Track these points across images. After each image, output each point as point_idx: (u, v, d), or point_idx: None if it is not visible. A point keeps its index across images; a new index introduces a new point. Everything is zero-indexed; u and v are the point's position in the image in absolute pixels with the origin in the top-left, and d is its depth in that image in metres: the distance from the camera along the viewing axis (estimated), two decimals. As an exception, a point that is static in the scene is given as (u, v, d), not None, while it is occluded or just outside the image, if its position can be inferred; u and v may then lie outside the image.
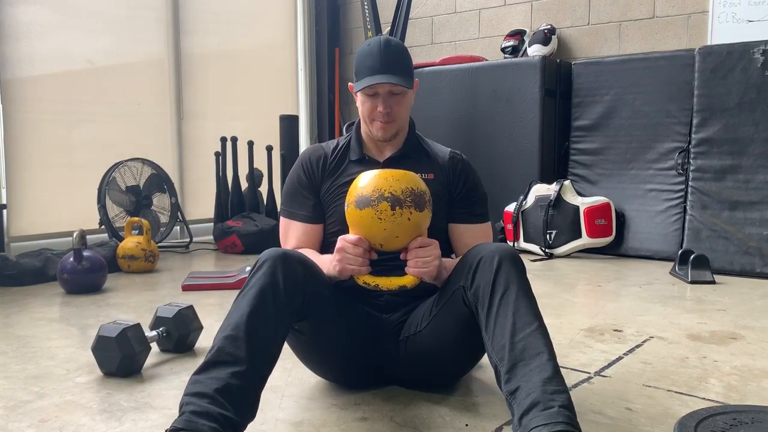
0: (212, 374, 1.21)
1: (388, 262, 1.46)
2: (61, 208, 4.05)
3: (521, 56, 4.43)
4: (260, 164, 4.47)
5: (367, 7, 4.62)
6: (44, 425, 1.44)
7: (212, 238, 4.34)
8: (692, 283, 3.02)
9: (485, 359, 1.49)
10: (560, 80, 4.10)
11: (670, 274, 3.27)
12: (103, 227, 3.82)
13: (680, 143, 3.66)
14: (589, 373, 1.78)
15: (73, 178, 4.11)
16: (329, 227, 1.65)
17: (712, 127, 3.48)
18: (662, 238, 3.68)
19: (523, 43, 4.48)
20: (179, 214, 4.19)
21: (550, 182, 3.97)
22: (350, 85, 1.64)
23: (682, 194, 3.63)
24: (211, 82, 4.92)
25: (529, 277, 1.39)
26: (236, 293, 1.34)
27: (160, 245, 3.91)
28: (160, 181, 4.07)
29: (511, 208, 4.06)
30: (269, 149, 4.40)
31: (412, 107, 1.66)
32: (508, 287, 1.32)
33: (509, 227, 4.06)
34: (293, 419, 1.47)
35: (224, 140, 4.40)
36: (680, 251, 3.30)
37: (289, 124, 4.78)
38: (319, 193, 1.66)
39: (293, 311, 1.35)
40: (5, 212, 3.53)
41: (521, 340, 1.25)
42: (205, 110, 4.88)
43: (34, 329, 2.28)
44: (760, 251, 3.27)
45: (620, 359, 1.90)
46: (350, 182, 1.48)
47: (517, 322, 1.28)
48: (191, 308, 2.02)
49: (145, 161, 4.01)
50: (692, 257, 3.10)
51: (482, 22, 4.87)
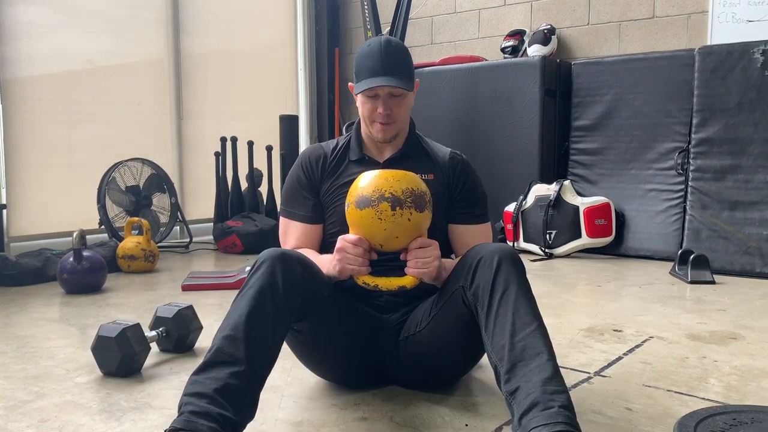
0: (211, 374, 1.21)
1: (388, 262, 1.46)
2: (60, 208, 4.05)
3: (521, 56, 4.43)
4: (260, 164, 4.47)
5: (367, 7, 4.62)
6: (44, 425, 1.44)
7: (212, 238, 4.34)
8: (692, 283, 3.02)
9: (485, 359, 1.49)
10: (560, 80, 4.10)
11: (669, 274, 3.27)
12: (102, 227, 3.82)
13: (680, 143, 3.66)
14: (588, 373, 1.78)
15: (73, 178, 4.11)
16: (329, 228, 1.64)
17: (712, 127, 3.48)
18: (662, 238, 3.68)
19: (522, 43, 4.48)
20: (179, 214, 4.19)
21: (549, 182, 3.97)
22: (350, 85, 1.63)
23: (681, 194, 3.63)
24: (210, 82, 4.92)
25: (529, 277, 1.39)
26: (236, 293, 1.34)
27: (159, 245, 3.91)
28: (159, 181, 4.07)
29: (510, 208, 4.06)
30: (269, 149, 4.40)
31: (412, 108, 1.66)
32: (507, 287, 1.32)
33: (509, 227, 4.06)
34: (293, 419, 1.47)
35: (224, 140, 4.40)
36: (680, 251, 3.30)
37: (289, 124, 4.79)
38: (318, 193, 1.65)
39: (292, 311, 1.34)
40: (5, 212, 3.53)
41: (521, 340, 1.25)
42: (204, 110, 4.88)
43: (33, 329, 2.28)
44: (759, 251, 3.27)
45: (620, 359, 1.90)
46: (350, 183, 1.48)
47: (516, 322, 1.28)
48: (191, 308, 2.02)
49: (145, 161, 4.01)
50: (692, 257, 3.10)
51: (482, 22, 4.87)
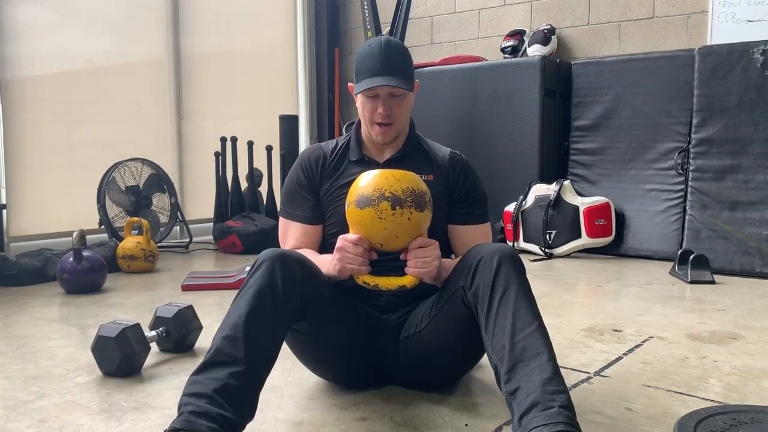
0: (211, 374, 1.21)
1: (388, 262, 1.46)
2: (60, 208, 4.05)
3: (521, 56, 4.43)
4: (260, 164, 4.47)
5: (366, 7, 4.62)
6: (44, 425, 1.44)
7: (212, 238, 4.34)
8: (692, 283, 3.02)
9: (485, 359, 1.49)
10: (560, 80, 4.09)
11: (669, 274, 3.27)
12: (102, 227, 3.82)
13: (680, 143, 3.66)
14: (588, 373, 1.78)
15: (73, 178, 4.11)
16: (329, 228, 1.64)
17: (711, 127, 3.48)
18: (662, 238, 3.68)
19: (522, 43, 4.48)
20: (179, 214, 4.19)
21: (549, 182, 3.97)
22: (350, 85, 1.63)
23: (681, 194, 3.63)
24: (210, 82, 4.92)
25: (528, 277, 1.39)
26: (236, 293, 1.34)
27: (159, 245, 3.91)
28: (159, 181, 4.07)
29: (510, 208, 4.06)
30: (269, 149, 4.40)
31: (412, 108, 1.65)
32: (507, 287, 1.32)
33: (509, 227, 4.06)
34: (293, 419, 1.47)
35: (224, 140, 4.40)
36: (680, 251, 3.30)
37: (288, 124, 4.79)
38: (318, 193, 1.65)
39: (292, 311, 1.34)
40: (5, 212, 3.53)
41: (521, 340, 1.25)
42: (204, 110, 4.88)
43: (33, 329, 2.28)
44: (759, 251, 3.27)
45: (620, 359, 1.90)
46: (350, 183, 1.48)
47: (516, 322, 1.28)
48: (191, 308, 2.02)
49: (144, 161, 4.01)
50: (692, 257, 3.10)
51: (482, 22, 4.87)
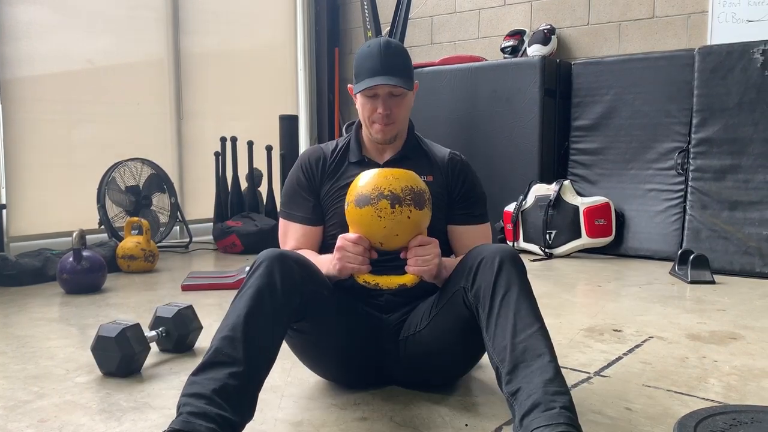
0: (209, 375, 1.20)
1: (388, 262, 1.46)
2: (60, 208, 4.05)
3: (521, 56, 4.43)
4: (260, 164, 4.47)
5: (366, 7, 4.62)
6: (44, 425, 1.44)
7: (212, 238, 4.34)
8: (692, 283, 3.02)
9: (485, 359, 1.50)
10: (560, 80, 4.09)
11: (669, 274, 3.27)
12: (102, 227, 3.82)
13: (680, 143, 3.66)
14: (588, 373, 1.78)
15: (72, 178, 4.11)
16: (329, 229, 1.64)
17: (711, 127, 3.48)
18: (662, 238, 3.68)
19: (522, 43, 4.48)
20: (179, 214, 4.19)
21: (549, 182, 3.97)
22: (349, 87, 1.63)
23: (681, 194, 3.63)
24: (210, 82, 4.92)
25: (529, 277, 1.39)
26: (235, 293, 1.34)
27: (159, 245, 3.91)
28: (159, 181, 4.07)
29: (510, 208, 4.06)
30: (269, 149, 4.40)
31: (411, 109, 1.65)
32: (509, 288, 1.32)
33: (509, 227, 4.06)
34: (292, 419, 1.47)
35: (224, 140, 4.40)
36: (680, 251, 3.30)
37: (288, 124, 4.78)
38: (318, 194, 1.65)
39: (291, 312, 1.34)
40: (5, 212, 3.52)
41: (522, 341, 1.25)
42: (204, 110, 4.88)
43: (33, 329, 2.28)
44: (759, 251, 3.27)
45: (620, 359, 1.90)
46: (350, 184, 1.47)
47: (518, 323, 1.28)
48: (191, 308, 2.02)
49: (144, 161, 4.01)
50: (692, 257, 3.10)
51: (482, 22, 4.87)
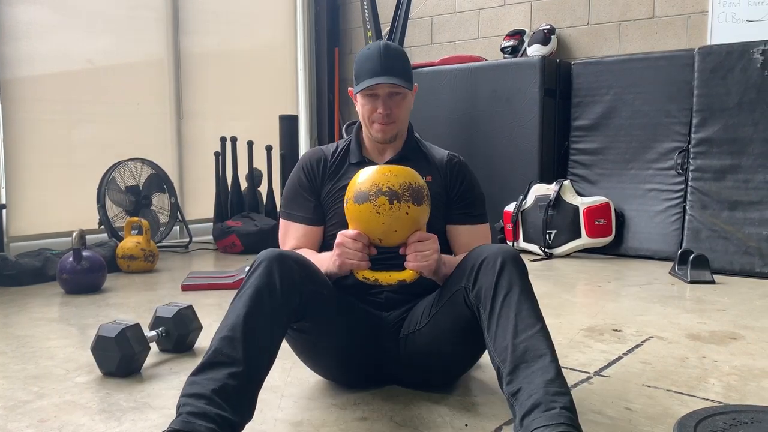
0: (209, 375, 1.21)
1: (388, 261, 1.46)
2: (60, 208, 4.05)
3: (521, 56, 4.43)
4: (260, 164, 4.47)
5: (366, 7, 4.61)
6: (43, 425, 1.44)
7: (212, 238, 4.34)
8: (692, 283, 3.02)
9: (484, 359, 1.50)
10: (560, 80, 4.09)
11: (669, 274, 3.27)
12: (102, 227, 3.82)
13: (680, 143, 3.66)
14: (588, 373, 1.78)
15: (72, 178, 4.11)
16: (329, 230, 1.65)
17: (711, 127, 3.48)
18: (662, 238, 3.68)
19: (522, 43, 4.48)
20: (179, 214, 4.19)
21: (549, 182, 3.97)
22: (350, 89, 1.65)
23: (681, 194, 3.63)
24: (210, 82, 4.92)
25: (529, 277, 1.39)
26: (235, 294, 1.34)
27: (159, 245, 3.91)
28: (159, 181, 4.07)
29: (510, 208, 4.06)
30: (269, 149, 4.40)
31: (411, 110, 1.67)
32: (510, 289, 1.32)
33: (509, 227, 4.06)
34: (292, 419, 1.47)
35: (224, 140, 4.40)
36: (680, 251, 3.30)
37: (288, 124, 4.79)
38: (319, 195, 1.66)
39: (290, 311, 1.35)
40: (5, 212, 3.52)
41: (523, 341, 1.26)
42: (204, 110, 4.88)
43: (33, 329, 2.28)
44: (759, 251, 3.27)
45: (620, 359, 1.91)
46: None
47: (519, 324, 1.28)
48: (190, 308, 2.02)
49: (144, 161, 4.01)
50: (692, 257, 3.10)
51: (482, 22, 4.87)
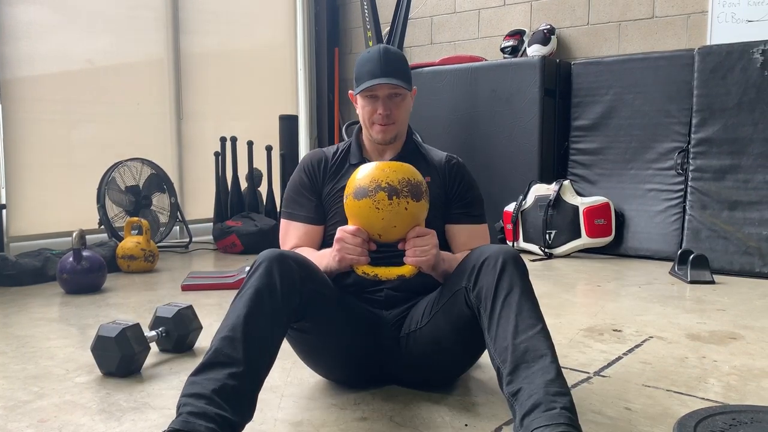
0: (209, 375, 1.21)
1: (388, 258, 1.47)
2: (60, 208, 4.05)
3: (521, 56, 4.43)
4: (260, 164, 4.47)
5: (366, 6, 4.61)
6: (43, 425, 1.44)
7: (212, 238, 4.34)
8: (692, 282, 3.02)
9: (484, 359, 1.50)
10: (560, 80, 4.09)
11: (669, 274, 3.27)
12: (102, 227, 3.82)
13: (680, 143, 3.66)
14: (588, 372, 1.78)
15: (72, 178, 4.11)
16: (330, 229, 1.66)
17: (711, 127, 3.48)
18: (662, 237, 3.68)
19: (522, 43, 4.48)
20: (179, 214, 4.19)
21: (549, 182, 3.97)
22: (350, 93, 1.68)
23: (681, 194, 3.63)
24: (210, 82, 4.92)
25: (529, 275, 1.39)
26: (235, 293, 1.34)
27: (159, 245, 3.91)
28: (159, 181, 4.07)
29: (510, 207, 4.06)
30: (269, 149, 4.40)
31: (410, 113, 1.70)
32: (511, 290, 1.33)
33: (509, 227, 4.06)
34: (292, 419, 1.47)
35: (224, 140, 4.40)
36: (680, 251, 3.30)
37: (288, 124, 4.79)
38: (320, 195, 1.68)
39: (290, 312, 1.35)
40: (5, 212, 3.52)
41: (524, 342, 1.26)
42: (204, 110, 4.88)
43: (33, 329, 2.28)
44: (759, 251, 3.27)
45: (620, 359, 1.91)
46: None
47: (519, 324, 1.28)
48: (191, 308, 2.02)
49: (144, 161, 4.01)
50: (692, 257, 3.10)
51: (481, 22, 4.87)
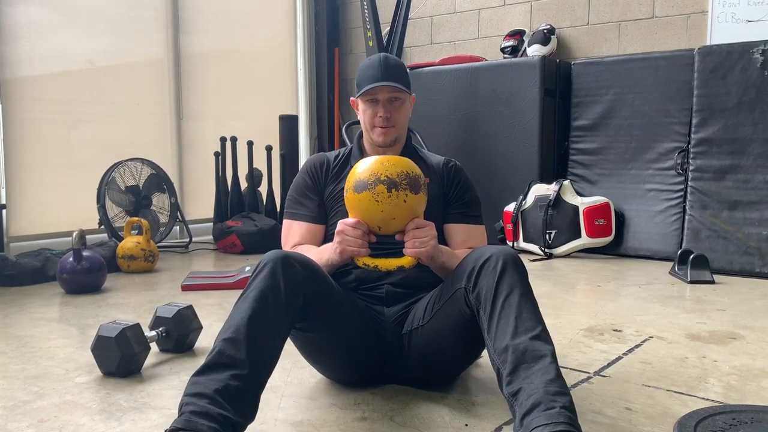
0: (212, 376, 1.21)
1: (387, 252, 1.50)
2: (60, 208, 4.05)
3: (521, 56, 4.43)
4: (260, 164, 4.47)
5: (366, 7, 4.61)
6: (43, 425, 1.44)
7: (212, 238, 4.34)
8: (692, 282, 3.02)
9: (485, 359, 1.50)
10: (560, 80, 4.09)
11: (669, 273, 3.27)
12: (102, 227, 3.82)
13: (680, 143, 3.66)
14: (588, 372, 1.79)
15: (72, 178, 4.11)
16: (330, 229, 1.68)
17: (711, 127, 3.48)
18: (662, 237, 3.68)
19: (522, 43, 4.48)
20: (179, 214, 4.19)
21: (549, 182, 3.97)
22: (352, 100, 1.76)
23: (681, 194, 3.63)
24: (210, 82, 4.92)
25: (529, 277, 1.40)
26: (236, 293, 1.35)
27: (159, 245, 3.91)
28: (159, 181, 4.07)
29: (510, 207, 4.06)
30: (269, 149, 4.40)
31: (409, 118, 1.77)
32: (511, 292, 1.34)
33: (509, 227, 4.06)
34: (293, 419, 1.47)
35: (224, 140, 4.40)
36: (680, 251, 3.30)
37: (288, 124, 4.79)
38: (322, 195, 1.73)
39: (294, 314, 1.36)
40: (5, 212, 3.52)
41: (524, 343, 1.27)
42: (204, 110, 4.88)
43: (33, 329, 2.28)
44: (759, 251, 3.27)
45: (620, 359, 1.91)
46: None
47: (519, 326, 1.29)
48: (191, 308, 2.03)
49: (144, 161, 4.01)
50: (692, 257, 3.10)
51: (481, 22, 4.87)
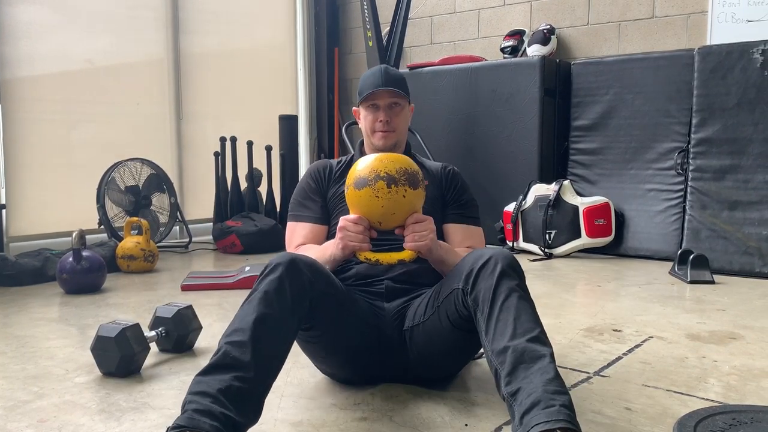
0: (216, 376, 1.22)
1: (387, 247, 1.54)
2: (60, 208, 4.05)
3: (521, 56, 4.43)
4: (259, 164, 4.47)
5: (366, 7, 4.61)
6: (43, 425, 1.44)
7: (211, 238, 4.34)
8: (691, 282, 3.02)
9: (485, 360, 1.50)
10: (559, 80, 4.09)
11: (669, 273, 3.27)
12: (102, 227, 3.82)
13: (679, 143, 3.66)
14: (588, 372, 1.79)
15: (72, 178, 4.11)
16: (333, 229, 1.72)
17: (711, 127, 3.48)
18: (661, 237, 3.68)
19: (522, 43, 4.48)
20: (178, 214, 4.19)
21: (549, 182, 3.97)
22: (354, 109, 1.84)
23: (681, 194, 3.63)
24: (210, 82, 4.92)
25: (528, 277, 1.41)
26: (236, 293, 1.36)
27: (159, 245, 3.90)
28: (159, 181, 4.07)
29: (510, 207, 4.06)
30: (268, 149, 4.40)
31: (408, 125, 1.85)
32: (509, 294, 1.35)
33: (509, 227, 4.06)
34: (292, 419, 1.47)
35: (223, 140, 4.40)
36: (679, 251, 3.30)
37: (288, 124, 4.79)
38: (325, 197, 1.80)
39: (300, 317, 1.37)
40: (4, 212, 3.52)
41: (522, 343, 1.27)
42: (204, 110, 4.88)
43: (33, 329, 2.28)
44: (759, 251, 3.27)
45: (619, 359, 1.91)
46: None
47: (518, 327, 1.30)
48: (190, 308, 2.03)
49: (144, 161, 4.01)
50: (691, 257, 3.10)
51: (481, 22, 4.87)
